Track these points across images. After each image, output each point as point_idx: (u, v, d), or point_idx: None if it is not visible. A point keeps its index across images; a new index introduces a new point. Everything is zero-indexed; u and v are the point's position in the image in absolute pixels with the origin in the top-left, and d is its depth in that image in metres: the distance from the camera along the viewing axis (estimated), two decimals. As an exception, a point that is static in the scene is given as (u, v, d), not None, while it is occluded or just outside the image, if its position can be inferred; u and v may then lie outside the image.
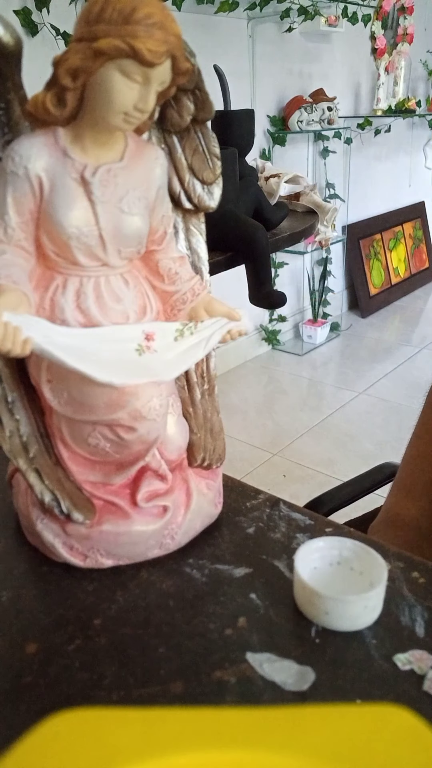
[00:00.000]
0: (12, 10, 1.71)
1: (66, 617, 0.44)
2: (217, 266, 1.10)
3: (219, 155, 0.49)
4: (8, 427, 0.46)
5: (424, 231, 4.06)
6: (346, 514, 0.90)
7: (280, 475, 2.03)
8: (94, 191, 0.41)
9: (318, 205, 1.60)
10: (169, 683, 0.39)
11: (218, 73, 1.14)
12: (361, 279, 3.46)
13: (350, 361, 2.84)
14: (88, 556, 0.48)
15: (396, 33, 3.30)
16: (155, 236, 0.46)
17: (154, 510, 0.49)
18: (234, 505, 0.56)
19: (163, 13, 0.36)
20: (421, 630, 0.42)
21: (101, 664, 0.40)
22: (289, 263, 2.99)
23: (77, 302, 0.43)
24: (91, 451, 0.46)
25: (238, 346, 2.86)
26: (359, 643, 0.41)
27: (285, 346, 3.08)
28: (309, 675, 0.39)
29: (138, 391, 0.43)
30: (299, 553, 0.44)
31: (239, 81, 2.45)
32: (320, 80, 2.87)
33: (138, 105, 0.38)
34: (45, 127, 0.41)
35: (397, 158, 3.74)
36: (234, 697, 0.38)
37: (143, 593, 0.46)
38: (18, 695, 0.38)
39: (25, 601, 0.46)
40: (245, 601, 0.45)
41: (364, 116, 3.20)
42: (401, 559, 0.48)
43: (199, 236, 0.52)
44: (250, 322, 0.48)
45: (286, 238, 1.33)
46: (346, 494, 0.91)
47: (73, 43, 0.37)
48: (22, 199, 0.41)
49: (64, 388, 0.44)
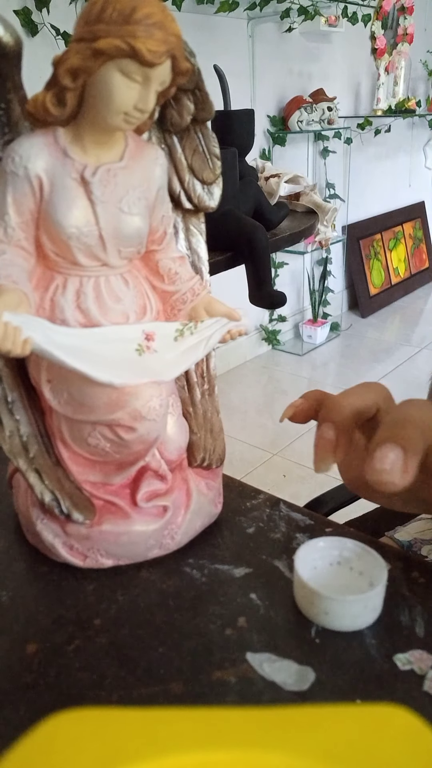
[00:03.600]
0: (12, 10, 1.71)
1: (66, 617, 0.44)
2: (217, 266, 1.10)
3: (219, 155, 0.49)
4: (8, 427, 0.46)
5: (424, 231, 4.06)
6: (346, 514, 0.90)
7: (280, 475, 2.03)
8: (94, 191, 0.41)
9: (318, 205, 1.60)
10: (169, 683, 0.39)
11: (218, 73, 1.14)
12: (361, 279, 3.46)
13: (350, 361, 2.85)
14: (88, 556, 0.48)
15: (396, 33, 3.30)
16: (155, 236, 0.46)
17: (154, 510, 0.49)
18: (234, 505, 0.56)
19: (163, 13, 0.36)
20: (421, 630, 0.42)
21: (101, 664, 0.40)
22: (289, 263, 2.99)
23: (77, 302, 0.43)
24: (91, 451, 0.46)
25: (238, 346, 2.86)
26: (359, 643, 0.41)
27: (285, 346, 3.08)
28: (309, 675, 0.39)
29: (138, 391, 0.43)
30: (299, 553, 0.44)
31: (239, 81, 2.45)
32: (320, 80, 2.87)
33: (138, 105, 0.38)
34: (45, 127, 0.41)
35: (397, 158, 3.74)
36: (234, 697, 0.38)
37: (143, 593, 0.46)
38: (18, 695, 0.38)
39: (25, 601, 0.46)
40: (245, 601, 0.45)
41: (364, 116, 3.20)
42: (401, 559, 0.48)
43: (199, 236, 0.52)
44: (250, 322, 0.48)
45: (286, 238, 1.33)
46: (347, 494, 0.91)
47: (73, 43, 0.37)
48: (22, 199, 0.41)
49: (64, 388, 0.44)
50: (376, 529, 0.78)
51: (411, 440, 0.31)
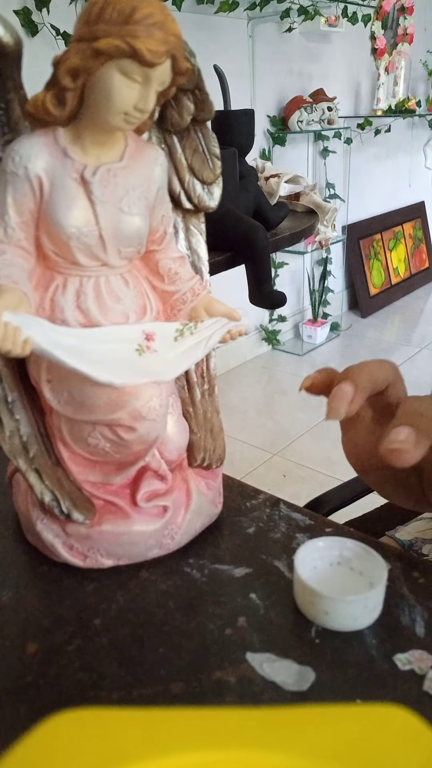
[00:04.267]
0: (12, 10, 1.71)
1: (66, 617, 0.44)
2: (217, 266, 1.10)
3: (219, 155, 0.49)
4: (8, 427, 0.46)
5: (424, 231, 4.06)
6: (346, 514, 0.90)
7: (280, 475, 2.03)
8: (94, 191, 0.41)
9: (318, 205, 1.60)
10: (169, 683, 0.39)
11: (218, 73, 1.14)
12: (361, 279, 3.46)
13: (350, 361, 2.83)
14: (88, 556, 0.48)
15: (396, 33, 3.30)
16: (155, 236, 0.46)
17: (154, 510, 0.49)
18: (234, 505, 0.56)
19: (163, 13, 0.36)
20: (421, 630, 0.42)
21: (101, 664, 0.40)
22: (289, 263, 2.99)
23: (77, 302, 0.43)
24: (91, 451, 0.46)
25: (238, 346, 2.86)
26: (359, 643, 0.41)
27: (285, 346, 3.08)
28: (309, 675, 0.39)
29: (138, 391, 0.43)
30: (299, 553, 0.44)
31: (239, 81, 2.45)
32: (320, 80, 2.87)
33: (138, 105, 0.38)
34: (45, 127, 0.41)
35: (397, 158, 3.74)
36: (234, 697, 0.38)
37: (143, 593, 0.46)
38: (18, 695, 0.38)
39: (25, 601, 0.46)
40: (245, 601, 0.45)
41: (364, 116, 3.20)
42: (401, 559, 0.48)
43: (199, 236, 0.52)
44: (250, 322, 0.48)
45: (286, 238, 1.33)
46: (346, 494, 0.91)
47: (73, 43, 0.37)
48: (22, 199, 0.41)
49: (64, 388, 0.44)
50: (376, 529, 0.78)
51: (423, 427, 0.35)
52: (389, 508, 0.98)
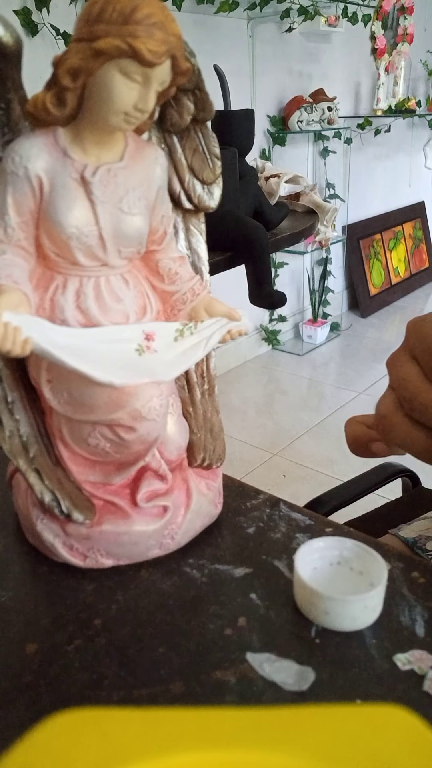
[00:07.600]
0: (12, 10, 1.71)
1: (66, 617, 0.44)
2: (217, 266, 1.10)
3: (219, 155, 0.49)
4: (8, 427, 0.46)
5: (424, 231, 4.06)
6: (346, 514, 0.90)
7: (280, 475, 2.03)
8: (94, 191, 0.41)
9: (318, 205, 1.60)
10: (169, 683, 0.39)
11: (218, 73, 1.14)
12: (361, 279, 3.46)
13: (350, 361, 2.85)
14: (88, 556, 0.48)
15: (396, 33, 3.30)
16: (155, 236, 0.46)
17: (154, 510, 0.49)
18: (234, 505, 0.56)
19: (164, 13, 0.36)
20: (421, 630, 0.42)
21: (101, 664, 0.40)
22: (289, 263, 2.99)
23: (77, 302, 0.43)
24: (91, 451, 0.46)
25: (238, 346, 2.87)
26: (359, 643, 0.41)
27: (285, 346, 3.08)
28: (309, 675, 0.39)
29: (138, 391, 0.43)
30: (299, 553, 0.44)
31: (239, 81, 2.46)
32: (320, 80, 2.87)
33: (138, 105, 0.38)
34: (45, 127, 0.41)
35: (397, 158, 3.74)
36: (234, 697, 0.38)
37: (143, 593, 0.46)
38: (18, 695, 0.38)
39: (25, 601, 0.46)
40: (245, 601, 0.45)
41: (364, 116, 3.20)
42: (401, 559, 0.48)
43: (199, 236, 0.52)
44: (250, 322, 0.48)
45: (286, 238, 1.33)
46: (346, 494, 0.91)
47: (73, 43, 0.37)
48: (22, 199, 0.41)
49: (64, 388, 0.44)
50: (376, 529, 0.78)
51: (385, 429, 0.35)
52: (389, 507, 0.99)
